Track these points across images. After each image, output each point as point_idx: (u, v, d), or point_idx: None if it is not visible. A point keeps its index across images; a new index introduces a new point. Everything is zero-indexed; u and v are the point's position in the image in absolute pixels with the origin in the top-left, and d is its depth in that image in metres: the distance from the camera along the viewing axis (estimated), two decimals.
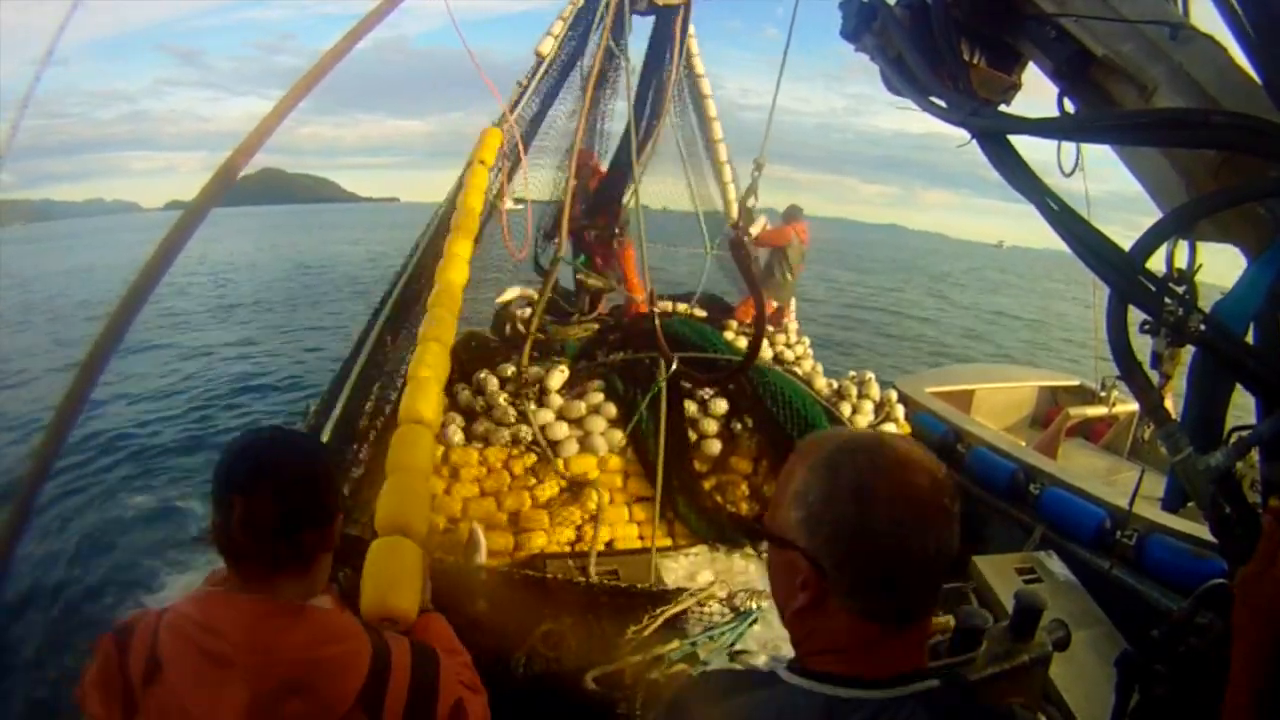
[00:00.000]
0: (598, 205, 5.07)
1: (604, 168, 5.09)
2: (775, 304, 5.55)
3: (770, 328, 5.33)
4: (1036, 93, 1.52)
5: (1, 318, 14.68)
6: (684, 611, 3.07)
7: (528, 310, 4.40)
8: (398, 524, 1.82)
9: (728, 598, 3.12)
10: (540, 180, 4.57)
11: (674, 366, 3.65)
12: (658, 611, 2.98)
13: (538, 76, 4.15)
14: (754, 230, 5.70)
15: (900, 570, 0.66)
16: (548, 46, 4.10)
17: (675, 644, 2.86)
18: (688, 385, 3.92)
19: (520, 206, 4.35)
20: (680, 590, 3.18)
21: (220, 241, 33.97)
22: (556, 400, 3.79)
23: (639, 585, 3.17)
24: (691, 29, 4.71)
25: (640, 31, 4.46)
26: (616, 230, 5.14)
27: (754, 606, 3.05)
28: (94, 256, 32.04)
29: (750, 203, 4.36)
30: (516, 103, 4.05)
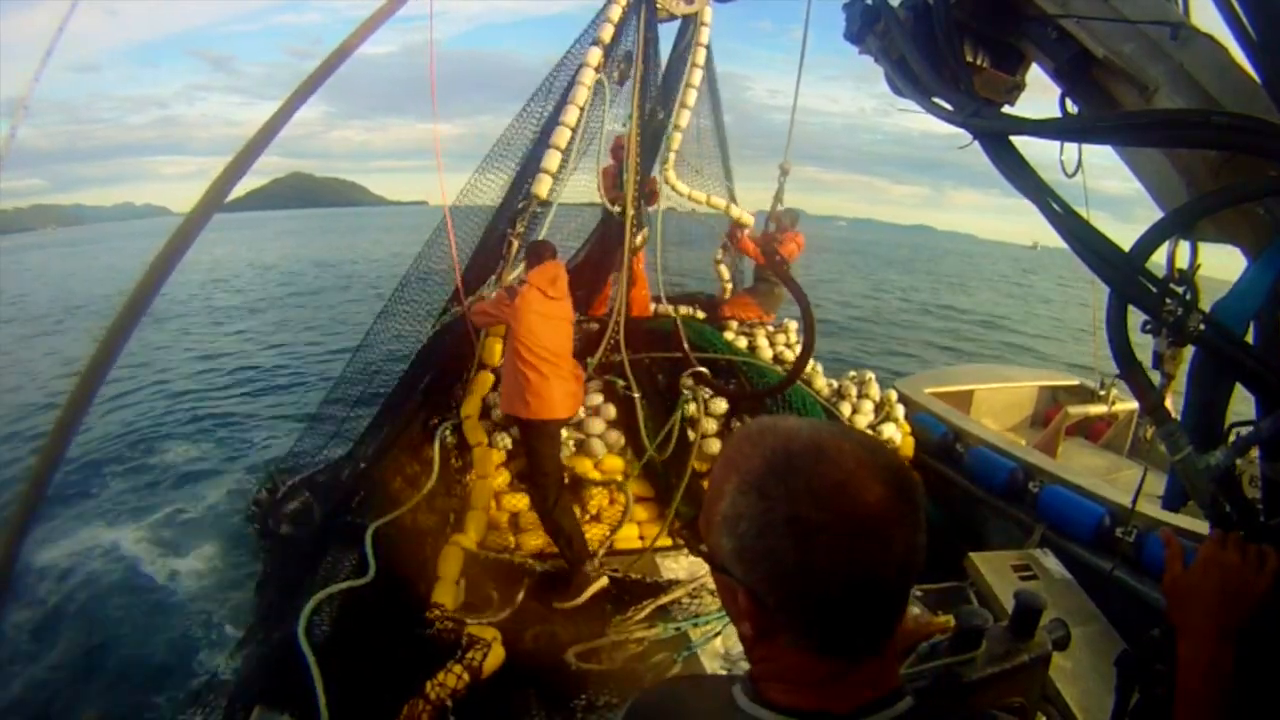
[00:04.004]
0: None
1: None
2: (762, 312, 5.51)
3: (769, 327, 5.35)
4: (1044, 91, 1.51)
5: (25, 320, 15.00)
6: (675, 602, 3.14)
7: None
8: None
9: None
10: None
11: (695, 369, 3.79)
12: (645, 602, 3.08)
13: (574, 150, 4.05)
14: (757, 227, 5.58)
15: (857, 606, 0.57)
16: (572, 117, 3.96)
17: (659, 627, 2.95)
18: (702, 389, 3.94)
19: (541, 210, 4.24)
20: (673, 582, 3.22)
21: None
22: None
23: (633, 576, 3.23)
24: (707, 38, 4.70)
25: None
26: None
27: None
28: (119, 260, 32.35)
29: (778, 208, 4.23)
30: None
